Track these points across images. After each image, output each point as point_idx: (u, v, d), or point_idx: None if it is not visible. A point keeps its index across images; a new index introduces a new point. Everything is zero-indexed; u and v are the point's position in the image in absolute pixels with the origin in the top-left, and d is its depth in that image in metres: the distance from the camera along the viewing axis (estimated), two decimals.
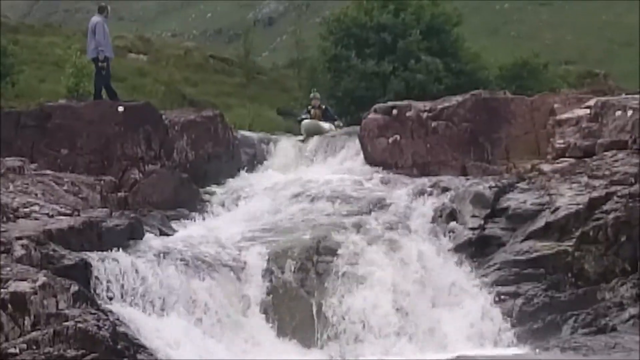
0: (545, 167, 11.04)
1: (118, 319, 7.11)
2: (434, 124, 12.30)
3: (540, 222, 8.94)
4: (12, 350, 6.16)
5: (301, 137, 13.87)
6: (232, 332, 7.90)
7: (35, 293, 6.76)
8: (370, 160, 12.51)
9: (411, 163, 12.13)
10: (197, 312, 7.92)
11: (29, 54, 17.26)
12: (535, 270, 8.56)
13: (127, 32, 23.54)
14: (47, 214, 8.89)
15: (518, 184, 10.20)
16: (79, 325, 6.57)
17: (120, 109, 11.88)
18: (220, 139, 12.53)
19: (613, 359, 6.66)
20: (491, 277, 8.58)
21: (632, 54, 28.95)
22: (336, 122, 14.33)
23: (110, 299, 7.66)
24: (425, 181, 10.75)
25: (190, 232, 9.62)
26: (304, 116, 14.18)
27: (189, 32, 42.86)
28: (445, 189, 10.13)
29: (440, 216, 9.61)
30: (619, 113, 10.96)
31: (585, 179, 9.78)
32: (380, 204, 10.14)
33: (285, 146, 14.04)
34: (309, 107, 14.25)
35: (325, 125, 13.84)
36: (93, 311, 7.03)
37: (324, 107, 14.39)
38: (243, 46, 22.90)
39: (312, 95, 14.52)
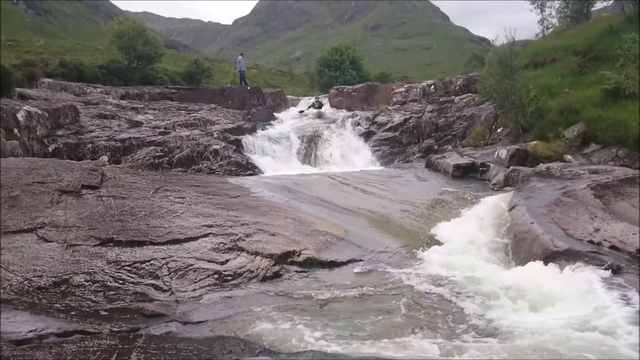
0: (389, 107, 22.04)
1: (249, 158, 17.08)
2: (353, 93, 24.29)
3: (387, 126, 20.17)
4: (212, 166, 17.42)
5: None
6: (286, 163, 18.06)
7: (222, 148, 16.86)
8: (332, 106, 24.56)
9: (345, 107, 23.75)
10: (275, 155, 18.23)
11: (216, 69, 32.62)
12: (386, 142, 19.60)
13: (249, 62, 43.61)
14: (223, 123, 18.97)
15: (381, 113, 21.12)
16: (236, 160, 16.54)
17: (248, 88, 24.35)
18: (281, 98, 25.16)
19: (411, 170, 18.66)
20: (371, 144, 19.57)
21: (430, 69, 50.97)
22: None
23: (246, 151, 17.92)
24: (350, 113, 21.78)
25: (271, 130, 19.96)
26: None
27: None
28: (356, 115, 21.18)
29: (355, 124, 20.53)
30: (415, 90, 22.60)
31: (402, 111, 21.04)
32: (334, 119, 21.09)
33: (303, 101, 26.51)
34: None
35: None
36: (241, 156, 16.89)
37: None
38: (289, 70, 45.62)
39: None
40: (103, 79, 24.84)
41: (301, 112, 24.17)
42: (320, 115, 22.98)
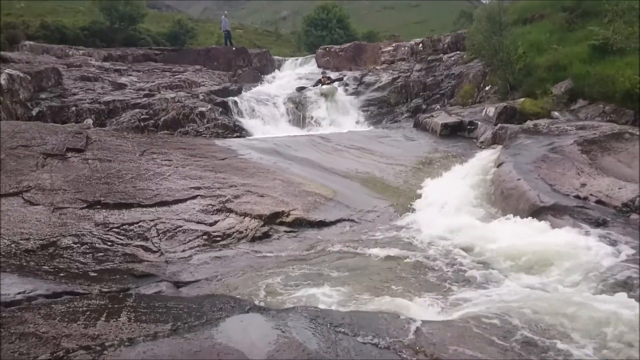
0: (377, 67, 21.66)
1: (236, 120, 16.76)
2: (340, 53, 23.88)
3: (375, 86, 19.89)
4: (199, 129, 17.18)
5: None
6: (274, 125, 17.84)
7: (208, 110, 16.44)
8: (319, 65, 23.80)
9: (333, 67, 23.26)
10: (262, 117, 17.93)
11: (200, 30, 31.58)
12: (374, 102, 19.36)
13: (234, 22, 42.72)
14: (209, 84, 18.81)
15: (369, 73, 20.86)
16: (222, 122, 16.23)
17: (234, 48, 23.81)
18: (268, 58, 24.49)
19: (399, 130, 18.81)
20: (360, 104, 19.31)
21: (418, 27, 49.70)
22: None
23: (233, 113, 17.70)
24: (337, 73, 21.39)
25: (258, 90, 19.77)
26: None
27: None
28: (344, 75, 20.94)
29: (344, 84, 20.34)
30: (403, 49, 22.23)
31: (390, 71, 20.69)
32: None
33: (289, 62, 26.00)
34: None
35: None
36: (227, 118, 16.62)
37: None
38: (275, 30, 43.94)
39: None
40: (85, 41, 24.22)
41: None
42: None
